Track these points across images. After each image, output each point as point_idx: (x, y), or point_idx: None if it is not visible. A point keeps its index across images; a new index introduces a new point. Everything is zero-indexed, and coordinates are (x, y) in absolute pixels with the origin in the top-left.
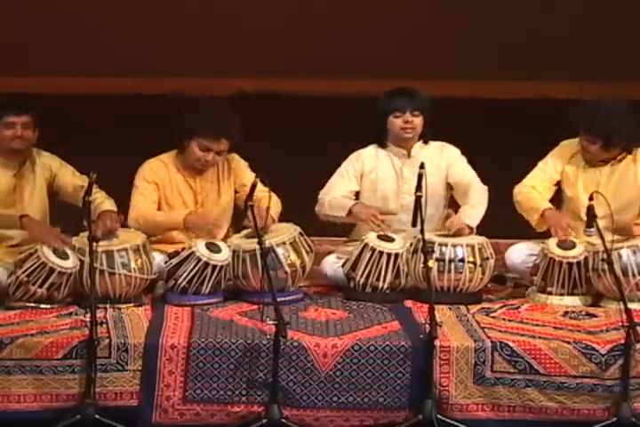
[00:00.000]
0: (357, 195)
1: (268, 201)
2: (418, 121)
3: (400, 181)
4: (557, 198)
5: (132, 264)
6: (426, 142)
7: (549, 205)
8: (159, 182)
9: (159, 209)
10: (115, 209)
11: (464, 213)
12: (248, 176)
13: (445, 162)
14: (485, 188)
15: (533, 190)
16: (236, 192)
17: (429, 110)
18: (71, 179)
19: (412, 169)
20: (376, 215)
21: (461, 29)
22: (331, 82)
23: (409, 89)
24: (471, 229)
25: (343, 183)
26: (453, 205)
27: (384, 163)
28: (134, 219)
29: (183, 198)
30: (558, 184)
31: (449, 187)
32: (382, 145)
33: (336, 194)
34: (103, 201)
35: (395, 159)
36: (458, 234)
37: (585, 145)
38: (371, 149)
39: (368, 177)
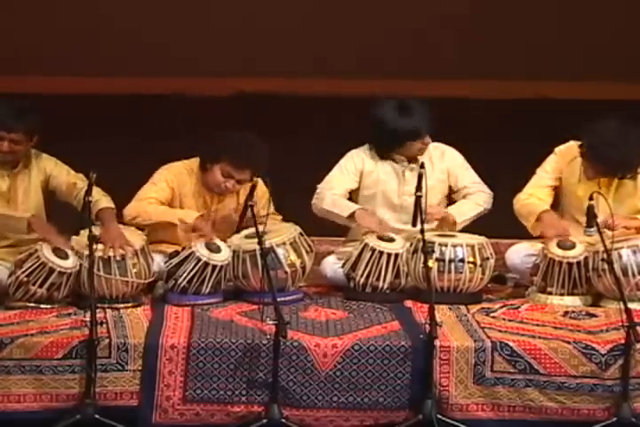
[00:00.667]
0: (352, 193)
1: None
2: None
3: (401, 182)
4: (555, 204)
5: (130, 270)
6: None
7: (547, 208)
8: (176, 189)
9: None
10: (112, 206)
11: (454, 206)
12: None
13: (446, 165)
14: (491, 193)
15: (532, 197)
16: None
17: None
18: (65, 177)
19: (413, 171)
20: (376, 227)
21: (461, 29)
22: (331, 82)
23: (418, 107)
24: (454, 221)
25: (343, 180)
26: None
27: (384, 165)
28: (134, 210)
29: (198, 210)
30: (558, 189)
31: (450, 189)
32: (387, 157)
33: (336, 190)
34: (100, 199)
35: (395, 163)
36: (440, 224)
37: (595, 173)
38: (369, 149)
39: (370, 176)
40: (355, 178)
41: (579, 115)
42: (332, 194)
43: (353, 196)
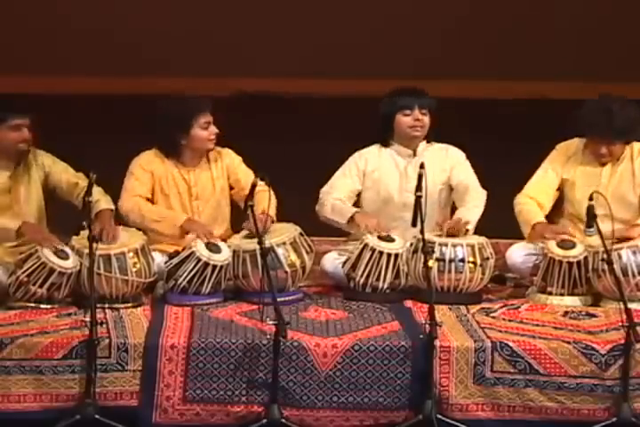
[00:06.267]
0: (359, 194)
1: (267, 197)
2: (426, 119)
3: (404, 180)
4: (557, 202)
5: (130, 268)
6: (429, 142)
7: (541, 219)
8: (155, 172)
9: (153, 198)
10: (112, 207)
11: (459, 215)
12: (243, 171)
13: (449, 164)
14: (484, 192)
15: (531, 200)
16: (231, 188)
17: (435, 110)
18: (65, 175)
19: (417, 168)
20: (375, 228)
21: (461, 29)
22: (330, 82)
23: (416, 87)
24: (466, 231)
25: (345, 183)
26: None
27: (387, 162)
28: (129, 206)
29: (178, 189)
30: (560, 188)
31: (451, 188)
32: (386, 144)
33: (338, 194)
34: (100, 199)
35: (399, 158)
36: (455, 231)
37: (599, 147)
38: (374, 149)
39: (371, 176)
40: (358, 180)
41: None
42: (332, 199)
43: (359, 198)
